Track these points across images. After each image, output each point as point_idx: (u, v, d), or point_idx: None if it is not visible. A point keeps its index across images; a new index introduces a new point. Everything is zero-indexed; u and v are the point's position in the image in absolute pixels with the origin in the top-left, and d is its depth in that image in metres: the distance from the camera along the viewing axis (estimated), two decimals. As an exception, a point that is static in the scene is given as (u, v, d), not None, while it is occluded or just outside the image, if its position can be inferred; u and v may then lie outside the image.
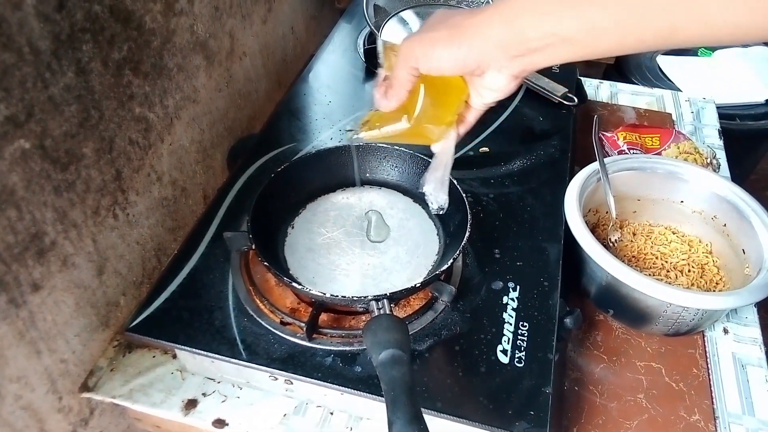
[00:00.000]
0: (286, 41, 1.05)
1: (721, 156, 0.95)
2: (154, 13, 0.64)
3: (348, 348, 0.58)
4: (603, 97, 1.10)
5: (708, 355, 0.69)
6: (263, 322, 0.60)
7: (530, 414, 0.53)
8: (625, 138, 0.88)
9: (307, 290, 0.57)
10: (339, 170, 0.73)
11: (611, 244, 0.75)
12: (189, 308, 0.61)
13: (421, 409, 0.44)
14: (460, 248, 0.59)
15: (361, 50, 1.02)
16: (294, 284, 0.57)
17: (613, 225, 0.75)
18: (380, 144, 0.72)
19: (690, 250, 0.75)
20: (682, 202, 0.77)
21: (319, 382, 0.56)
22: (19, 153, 0.49)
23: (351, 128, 0.57)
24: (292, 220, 0.69)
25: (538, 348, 0.58)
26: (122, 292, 0.67)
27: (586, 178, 0.73)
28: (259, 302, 0.62)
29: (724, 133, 1.02)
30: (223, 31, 0.81)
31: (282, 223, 0.69)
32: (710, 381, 0.66)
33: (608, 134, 0.90)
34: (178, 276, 0.64)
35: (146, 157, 0.67)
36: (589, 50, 0.42)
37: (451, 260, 0.58)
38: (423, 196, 0.60)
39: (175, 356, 0.67)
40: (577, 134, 0.90)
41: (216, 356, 0.58)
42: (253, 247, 0.59)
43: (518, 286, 0.64)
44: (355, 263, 0.65)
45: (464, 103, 0.52)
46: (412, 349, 0.57)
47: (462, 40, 0.44)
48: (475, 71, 0.46)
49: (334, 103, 0.91)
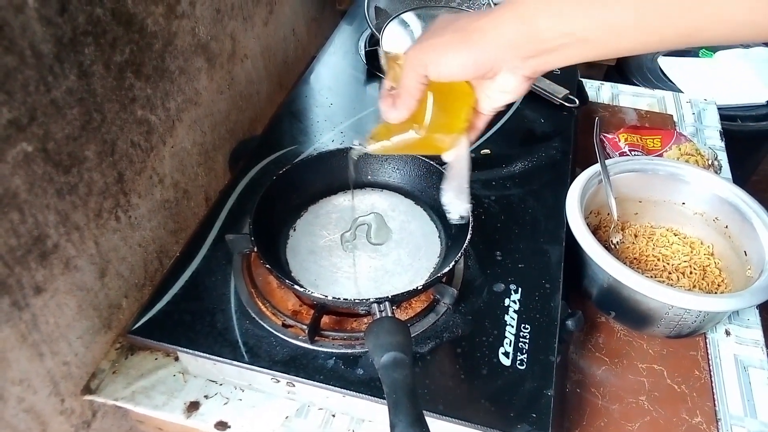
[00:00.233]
0: (287, 43, 1.05)
1: (723, 157, 0.95)
2: (155, 16, 0.64)
3: (350, 350, 0.58)
4: (604, 98, 1.10)
5: (710, 357, 0.69)
6: (265, 325, 0.60)
7: (532, 416, 0.53)
8: (626, 139, 0.88)
9: (309, 293, 0.57)
10: (341, 172, 0.72)
11: (613, 246, 0.75)
12: (191, 311, 0.61)
13: (423, 411, 0.44)
14: (462, 250, 0.59)
15: (362, 52, 1.02)
16: (296, 287, 0.57)
17: (614, 227, 0.75)
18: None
19: (692, 252, 0.75)
20: (684, 203, 0.77)
21: (321, 385, 0.56)
22: (21, 156, 0.49)
23: (359, 143, 0.56)
24: (293, 222, 0.70)
25: (539, 350, 0.58)
26: (124, 295, 0.67)
27: (587, 179, 0.73)
28: (261, 305, 0.62)
29: (726, 134, 1.02)
30: (224, 34, 0.81)
31: (284, 225, 0.69)
32: (712, 383, 0.66)
33: (609, 136, 0.90)
34: (180, 278, 0.64)
35: (148, 159, 0.67)
36: (605, 50, 0.41)
37: (453, 263, 0.58)
38: (424, 197, 0.59)
39: (177, 359, 0.67)
40: (578, 136, 0.90)
41: (218, 359, 0.58)
42: (255, 249, 0.60)
43: (520, 288, 0.64)
44: (357, 265, 0.65)
45: (473, 108, 0.51)
46: (413, 352, 0.57)
47: (473, 43, 0.43)
48: (487, 74, 0.45)
49: (335, 105, 0.91)
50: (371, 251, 0.67)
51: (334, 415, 0.62)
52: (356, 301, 0.56)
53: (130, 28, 0.60)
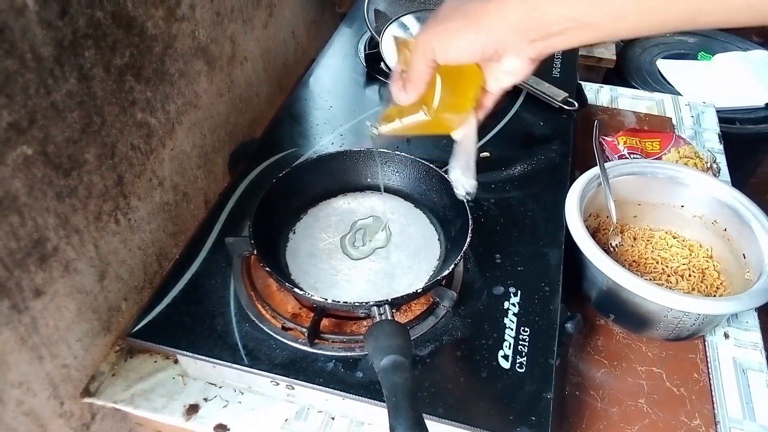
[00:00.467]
0: (287, 46, 1.06)
1: (722, 160, 0.95)
2: (155, 19, 0.64)
3: (349, 353, 0.58)
4: (603, 101, 1.11)
5: (709, 359, 0.69)
6: (265, 328, 0.60)
7: (531, 419, 0.53)
8: (625, 142, 0.88)
9: (309, 296, 0.57)
10: (340, 175, 0.73)
11: (612, 249, 0.75)
12: (191, 313, 0.61)
13: (423, 414, 0.44)
14: (461, 253, 0.59)
15: (362, 55, 1.02)
16: (295, 290, 0.57)
17: (613, 230, 0.75)
18: (381, 149, 0.72)
19: (690, 255, 0.75)
20: (683, 206, 0.77)
21: (320, 388, 0.56)
22: (21, 159, 0.49)
23: (371, 124, 0.58)
24: (293, 225, 0.70)
25: (539, 353, 0.58)
26: (124, 297, 0.67)
27: (586, 182, 0.73)
28: (260, 307, 0.62)
29: (724, 136, 1.02)
30: (224, 37, 0.81)
31: (283, 228, 0.69)
32: (711, 386, 0.66)
33: (609, 139, 0.90)
34: (179, 281, 0.64)
35: (148, 162, 0.67)
36: (608, 33, 0.42)
37: (453, 265, 0.58)
38: (423, 200, 0.59)
39: (176, 361, 0.67)
40: (577, 139, 0.90)
41: (218, 362, 0.58)
42: (255, 252, 0.60)
43: (519, 291, 0.64)
44: (356, 268, 0.65)
45: (481, 88, 0.52)
46: (413, 355, 0.57)
47: (480, 27, 0.44)
48: (493, 57, 0.46)
49: (335, 107, 0.91)
50: (371, 254, 0.67)
51: (333, 418, 0.62)
52: (356, 304, 0.56)
53: (130, 31, 0.60)
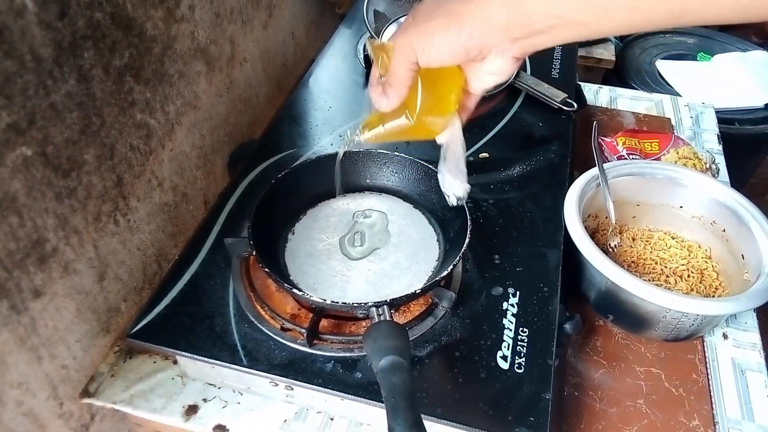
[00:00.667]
0: (286, 47, 1.06)
1: (720, 161, 0.95)
2: (155, 20, 0.64)
3: (348, 354, 0.58)
4: (602, 102, 1.11)
5: (707, 360, 0.69)
6: (264, 328, 0.60)
7: (530, 420, 0.53)
8: (624, 143, 0.89)
9: (308, 296, 0.57)
10: (340, 176, 0.73)
11: (611, 250, 0.75)
12: (190, 314, 0.61)
13: (422, 415, 0.44)
14: (460, 254, 0.59)
15: (362, 56, 1.02)
16: (294, 290, 0.57)
17: (612, 230, 0.75)
18: (380, 150, 0.72)
19: (689, 256, 0.75)
20: (682, 207, 0.77)
21: (319, 388, 0.56)
22: (20, 160, 0.49)
23: (351, 133, 0.56)
24: (292, 225, 0.70)
25: (537, 354, 0.59)
26: (123, 298, 0.67)
27: (585, 183, 0.74)
28: (259, 308, 0.62)
29: (723, 137, 1.02)
30: (223, 37, 0.81)
31: (283, 228, 0.69)
32: (710, 386, 0.66)
33: (607, 139, 0.90)
34: (179, 282, 0.64)
35: (147, 163, 0.67)
36: (593, 30, 0.41)
37: (451, 266, 0.58)
38: (422, 200, 0.59)
39: (175, 362, 0.67)
40: (576, 139, 0.90)
41: (217, 362, 0.58)
42: (254, 253, 0.60)
43: (518, 292, 0.64)
44: (355, 269, 0.65)
45: (462, 89, 0.51)
46: (412, 355, 0.58)
47: (462, 27, 0.43)
48: (477, 57, 0.45)
49: (334, 108, 0.91)
50: (370, 255, 0.67)
51: (332, 419, 0.62)
52: (355, 304, 0.56)
53: (130, 32, 0.60)
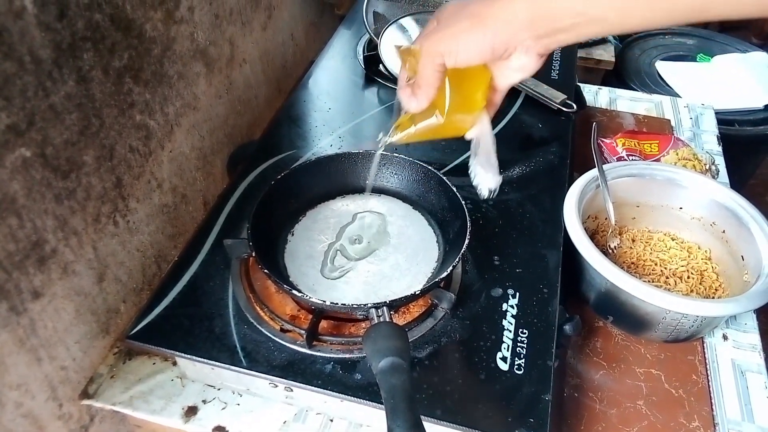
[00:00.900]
0: (285, 48, 1.06)
1: (720, 162, 0.95)
2: (154, 21, 0.64)
3: (348, 355, 0.58)
4: (602, 103, 1.11)
5: (707, 361, 0.69)
6: (263, 330, 0.60)
7: (530, 421, 0.53)
8: (623, 144, 0.89)
9: (307, 298, 0.57)
10: (339, 177, 0.73)
11: (610, 251, 0.75)
12: (189, 315, 0.61)
13: (421, 416, 0.44)
14: (460, 255, 0.59)
15: (361, 57, 1.02)
16: (294, 291, 0.57)
17: (612, 231, 0.75)
18: (380, 151, 0.72)
19: (689, 257, 0.75)
20: (681, 208, 0.77)
21: (318, 390, 0.56)
22: (20, 161, 0.49)
23: (382, 134, 0.58)
24: (292, 227, 0.70)
25: (537, 355, 0.58)
26: (122, 299, 0.67)
27: (585, 184, 0.74)
28: (259, 309, 0.62)
29: (723, 138, 1.02)
30: (223, 39, 0.81)
31: (282, 230, 0.69)
32: (710, 387, 0.66)
33: (607, 141, 0.90)
34: (178, 283, 0.64)
35: (146, 164, 0.67)
36: (616, 27, 0.42)
37: (451, 267, 0.58)
38: (422, 202, 0.59)
39: (175, 363, 0.67)
40: (576, 141, 0.90)
41: (216, 364, 0.58)
42: (253, 254, 0.60)
43: (518, 293, 0.64)
44: (354, 270, 0.65)
45: (489, 86, 0.53)
46: (411, 357, 0.58)
47: (487, 27, 0.44)
48: (502, 56, 0.47)
49: (333, 109, 0.91)
50: (369, 256, 0.67)
51: (332, 420, 0.62)
52: (354, 306, 0.56)
53: (129, 33, 0.60)
